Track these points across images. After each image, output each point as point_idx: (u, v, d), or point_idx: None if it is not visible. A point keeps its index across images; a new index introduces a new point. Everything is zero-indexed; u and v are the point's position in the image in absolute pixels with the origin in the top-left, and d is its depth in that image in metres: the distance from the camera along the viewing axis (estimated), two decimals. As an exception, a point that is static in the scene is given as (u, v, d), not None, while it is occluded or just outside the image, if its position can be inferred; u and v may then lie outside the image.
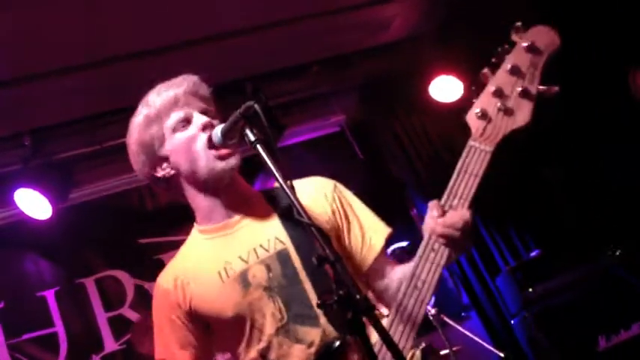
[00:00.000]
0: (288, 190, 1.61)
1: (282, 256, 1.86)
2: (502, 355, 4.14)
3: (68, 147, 4.56)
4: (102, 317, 4.63)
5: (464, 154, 1.73)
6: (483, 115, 1.72)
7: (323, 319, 1.80)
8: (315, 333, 1.81)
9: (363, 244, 1.96)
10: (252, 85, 4.59)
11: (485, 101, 1.73)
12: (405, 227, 5.25)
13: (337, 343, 1.67)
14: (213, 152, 1.87)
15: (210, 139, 1.88)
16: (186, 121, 1.93)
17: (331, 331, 1.79)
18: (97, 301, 4.66)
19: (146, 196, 5.03)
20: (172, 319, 1.96)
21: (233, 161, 1.89)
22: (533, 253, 4.61)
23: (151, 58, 4.07)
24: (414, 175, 5.38)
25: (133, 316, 4.68)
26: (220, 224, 1.95)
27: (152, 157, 1.98)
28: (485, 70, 1.75)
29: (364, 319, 1.47)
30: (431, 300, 1.76)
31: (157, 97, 1.97)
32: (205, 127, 1.89)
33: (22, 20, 3.54)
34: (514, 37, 1.75)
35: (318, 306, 1.56)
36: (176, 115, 1.93)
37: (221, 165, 1.88)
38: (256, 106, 1.68)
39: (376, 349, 1.54)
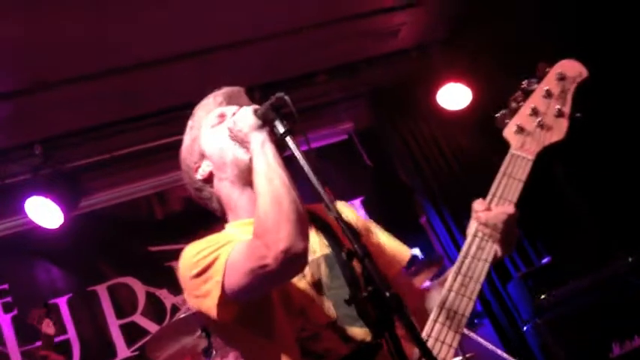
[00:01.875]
0: (316, 183, 1.59)
1: (329, 260, 1.84)
2: (515, 361, 4.12)
3: (79, 156, 4.59)
4: (114, 324, 4.65)
5: (505, 162, 1.85)
6: (521, 130, 1.87)
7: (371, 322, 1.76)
8: (363, 333, 1.77)
9: (387, 258, 1.96)
10: (260, 93, 4.60)
11: (522, 119, 1.88)
12: (413, 234, 5.25)
13: (370, 345, 1.65)
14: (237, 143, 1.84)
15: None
16: (222, 117, 1.93)
17: (375, 337, 1.75)
18: (108, 308, 4.68)
19: (155, 204, 5.06)
20: None
21: None
22: (544, 260, 4.60)
23: (161, 67, 4.09)
24: (422, 183, 5.38)
25: (144, 322, 4.69)
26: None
27: (191, 160, 1.97)
28: (517, 95, 1.91)
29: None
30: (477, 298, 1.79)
31: (200, 105, 2.00)
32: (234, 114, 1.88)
33: (34, 30, 3.57)
34: (543, 70, 1.91)
35: (347, 302, 1.56)
36: (213, 113, 1.95)
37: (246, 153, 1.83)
38: (286, 97, 1.67)
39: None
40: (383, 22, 4.78)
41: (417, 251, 5.06)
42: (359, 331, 1.77)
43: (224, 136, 1.87)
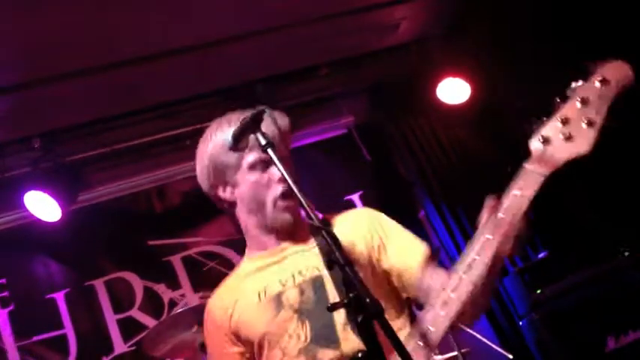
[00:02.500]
0: (298, 194, 1.63)
1: (317, 282, 1.92)
2: (510, 356, 4.13)
3: (78, 150, 4.58)
4: (111, 319, 4.65)
5: (517, 176, 1.74)
6: (546, 141, 1.72)
7: (344, 344, 1.84)
8: (334, 354, 1.85)
9: (403, 268, 1.98)
10: (261, 87, 4.61)
11: (550, 127, 1.73)
12: (412, 229, 5.24)
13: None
14: (282, 203, 1.95)
15: (283, 195, 1.94)
16: (267, 165, 1.96)
17: (349, 353, 1.80)
18: (106, 302, 4.68)
19: (155, 198, 5.06)
20: (217, 338, 2.04)
21: (295, 215, 1.97)
22: (541, 255, 4.60)
23: (161, 61, 4.09)
24: (421, 177, 5.38)
25: (142, 317, 4.70)
26: (269, 252, 2.03)
27: (220, 179, 2.03)
28: (557, 100, 1.76)
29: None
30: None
31: (246, 120, 1.88)
32: (282, 181, 1.92)
33: (33, 24, 3.57)
34: (590, 71, 1.76)
35: (329, 309, 1.58)
36: (258, 156, 1.96)
37: (287, 217, 1.97)
38: (267, 110, 1.70)
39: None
40: (383, 16, 4.77)
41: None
42: (329, 353, 1.85)
43: (271, 197, 1.96)
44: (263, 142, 1.73)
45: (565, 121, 1.70)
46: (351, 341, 1.81)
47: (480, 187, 1.81)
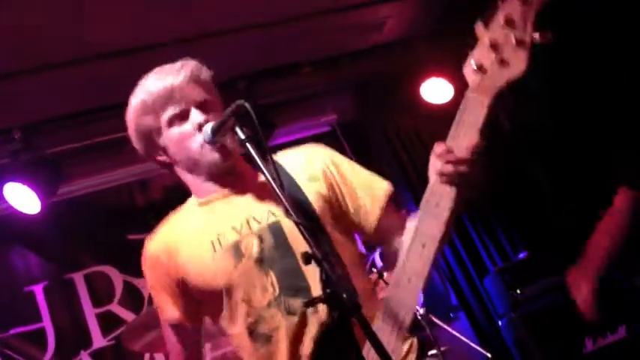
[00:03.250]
0: (277, 189, 1.62)
1: (275, 229, 1.85)
2: (489, 355, 4.16)
3: (58, 142, 4.54)
4: (90, 313, 4.62)
5: (461, 106, 1.71)
6: (479, 68, 1.69)
7: (315, 292, 1.76)
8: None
9: (363, 208, 1.95)
10: (244, 83, 4.60)
11: (480, 54, 1.70)
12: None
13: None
14: (209, 147, 1.88)
15: (209, 142, 1.89)
16: (183, 117, 1.93)
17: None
18: (85, 296, 4.65)
19: (136, 192, 5.03)
20: (164, 283, 1.97)
21: (230, 157, 1.91)
22: (521, 255, 4.64)
23: (142, 54, 4.06)
24: (404, 176, 5.40)
25: (121, 312, 4.68)
26: (215, 194, 1.96)
27: (150, 144, 2.00)
28: (479, 24, 1.72)
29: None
30: (436, 259, 1.71)
31: (154, 84, 1.95)
32: (201, 127, 1.89)
33: (12, 15, 3.53)
34: None
35: (305, 305, 1.56)
36: (172, 110, 1.92)
37: (217, 156, 1.89)
38: (247, 104, 1.69)
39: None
40: (368, 15, 4.78)
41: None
42: (303, 302, 1.77)
43: (195, 145, 1.90)
44: (242, 136, 1.71)
45: (494, 46, 1.67)
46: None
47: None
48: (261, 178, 1.87)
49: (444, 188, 1.71)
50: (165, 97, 1.93)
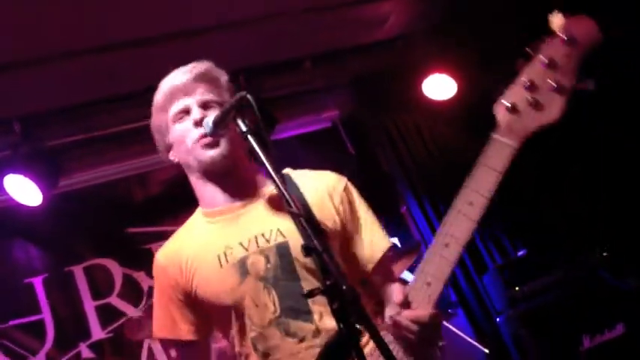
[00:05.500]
0: (278, 182, 1.61)
1: (282, 249, 1.86)
2: (487, 351, 4.17)
3: (59, 134, 4.54)
4: (89, 305, 4.62)
5: (486, 147, 1.62)
6: (512, 108, 1.59)
7: (316, 315, 1.80)
8: (308, 328, 1.81)
9: (363, 252, 1.98)
10: (245, 78, 4.59)
11: (515, 93, 1.60)
12: (394, 223, 5.29)
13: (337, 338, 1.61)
14: (200, 142, 1.90)
15: (201, 136, 1.90)
16: (185, 113, 1.95)
17: (324, 327, 1.80)
18: (84, 289, 4.65)
19: (135, 185, 5.03)
20: (172, 296, 1.98)
21: (219, 149, 1.91)
22: (520, 252, 4.64)
23: (144, 47, 4.05)
24: (404, 172, 5.40)
25: (120, 305, 4.68)
26: (222, 208, 1.96)
27: (163, 142, 2.05)
28: (520, 60, 1.63)
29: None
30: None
31: (166, 83, 2.01)
32: (197, 124, 1.91)
33: (14, 6, 3.52)
34: (553, 26, 1.61)
35: (305, 296, 1.57)
36: (176, 107, 1.97)
37: (208, 154, 1.90)
38: (249, 96, 1.68)
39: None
40: (370, 11, 4.77)
41: (395, 240, 5.09)
42: (303, 326, 1.81)
43: (190, 141, 1.93)
44: (244, 128, 1.71)
45: (531, 86, 1.56)
46: (324, 313, 1.79)
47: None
48: (270, 188, 1.89)
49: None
50: (171, 95, 1.98)
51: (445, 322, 4.13)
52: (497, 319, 4.40)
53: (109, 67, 4.13)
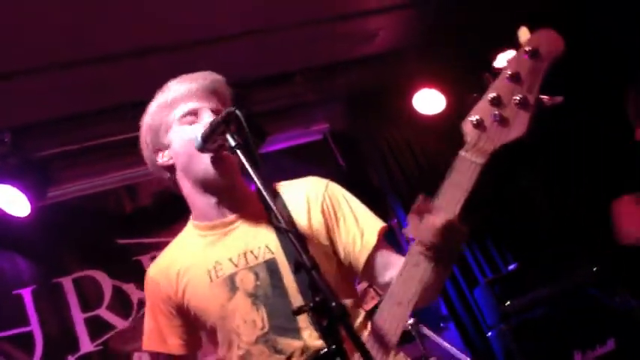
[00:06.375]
0: (267, 197, 1.62)
1: (271, 266, 1.86)
2: (478, 365, 4.17)
3: (48, 145, 4.52)
4: (78, 317, 4.59)
5: (453, 165, 1.63)
6: (479, 124, 1.58)
7: (305, 333, 1.80)
8: (296, 345, 1.81)
9: (354, 244, 1.94)
10: (236, 92, 4.59)
11: (482, 109, 1.59)
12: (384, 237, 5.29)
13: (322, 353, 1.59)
14: (209, 154, 1.87)
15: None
16: (195, 115, 1.94)
17: (312, 345, 1.79)
18: (73, 301, 4.61)
19: (125, 197, 5.01)
20: (163, 310, 1.98)
21: (227, 172, 1.89)
22: (511, 267, 4.65)
23: (134, 60, 4.06)
24: (394, 186, 5.41)
25: (109, 317, 4.64)
26: (214, 222, 1.96)
27: (156, 141, 2.00)
28: (487, 75, 1.64)
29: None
30: (409, 317, 1.72)
31: (176, 84, 1.99)
32: None
33: (4, 17, 3.52)
34: (520, 40, 1.64)
35: (294, 313, 1.56)
36: (186, 107, 1.94)
37: (214, 172, 1.88)
38: (237, 112, 1.68)
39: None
40: (361, 26, 4.80)
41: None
42: (291, 343, 1.81)
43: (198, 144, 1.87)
44: (232, 143, 1.70)
45: (497, 101, 1.55)
46: (312, 331, 1.77)
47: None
48: (261, 203, 1.87)
49: (418, 259, 1.64)
50: (183, 96, 1.96)
51: (436, 337, 4.12)
52: (489, 334, 4.40)
53: (100, 79, 4.13)
